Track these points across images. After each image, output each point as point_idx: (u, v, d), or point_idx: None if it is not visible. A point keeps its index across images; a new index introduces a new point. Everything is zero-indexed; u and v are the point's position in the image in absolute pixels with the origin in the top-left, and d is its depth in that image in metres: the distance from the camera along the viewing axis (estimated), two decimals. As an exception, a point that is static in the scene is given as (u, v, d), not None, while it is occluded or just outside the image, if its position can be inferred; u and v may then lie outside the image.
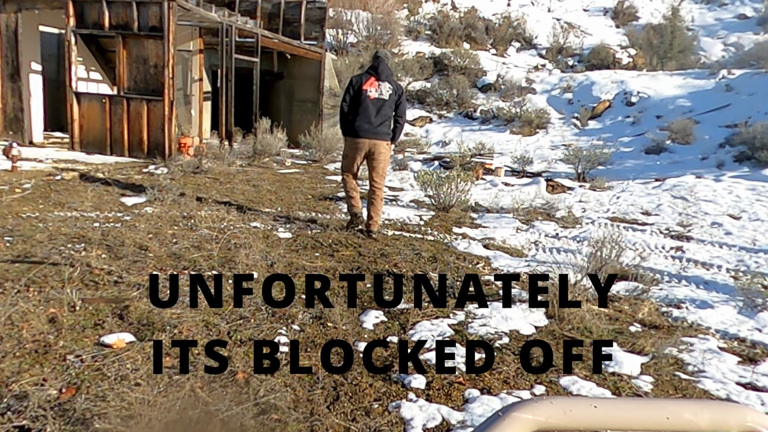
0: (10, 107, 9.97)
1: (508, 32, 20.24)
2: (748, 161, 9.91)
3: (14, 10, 9.66)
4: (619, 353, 3.09)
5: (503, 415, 0.82)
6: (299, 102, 14.86)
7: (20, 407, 2.18)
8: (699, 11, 23.13)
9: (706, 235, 6.27)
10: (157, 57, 9.16)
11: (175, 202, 6.17)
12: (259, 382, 2.50)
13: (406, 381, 2.62)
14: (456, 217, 6.70)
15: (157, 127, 9.31)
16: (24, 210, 5.38)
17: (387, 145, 5.34)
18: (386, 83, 5.24)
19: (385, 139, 5.30)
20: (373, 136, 5.23)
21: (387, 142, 5.33)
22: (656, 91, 14.06)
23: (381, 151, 5.29)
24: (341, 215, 6.36)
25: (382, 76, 5.23)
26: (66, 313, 3.05)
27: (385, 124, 5.30)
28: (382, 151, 5.30)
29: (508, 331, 3.32)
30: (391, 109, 5.29)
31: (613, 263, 4.23)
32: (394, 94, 5.28)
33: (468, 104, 15.45)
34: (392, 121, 5.36)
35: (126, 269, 3.87)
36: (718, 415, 0.86)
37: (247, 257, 4.24)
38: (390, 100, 5.24)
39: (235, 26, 10.82)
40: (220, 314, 3.23)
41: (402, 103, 5.34)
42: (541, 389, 2.66)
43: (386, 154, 5.38)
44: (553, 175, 10.31)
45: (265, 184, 8.17)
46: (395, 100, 5.28)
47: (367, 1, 18.93)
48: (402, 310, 3.52)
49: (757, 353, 3.26)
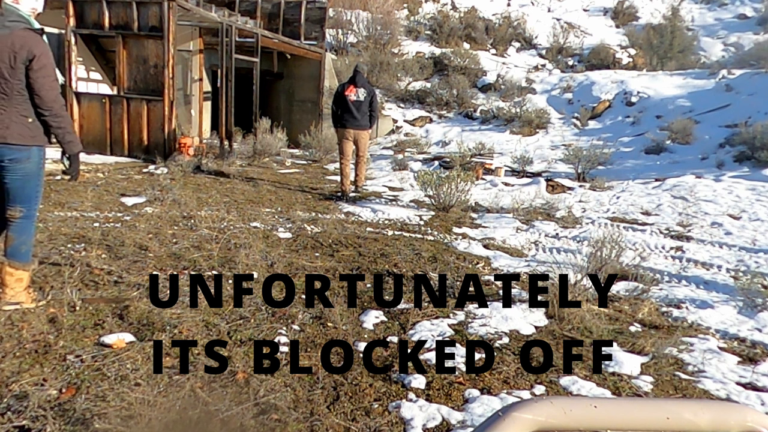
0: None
1: (508, 32, 20.25)
2: (748, 161, 9.91)
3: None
4: (619, 353, 3.09)
5: (503, 415, 0.82)
6: (299, 102, 14.86)
7: (20, 407, 2.18)
8: (699, 11, 23.13)
9: (706, 235, 6.27)
10: (157, 57, 9.16)
11: (175, 202, 6.17)
12: (259, 382, 2.50)
13: (406, 381, 2.62)
14: (456, 217, 6.70)
15: (157, 127, 9.30)
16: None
17: (365, 132, 7.50)
18: (361, 88, 7.28)
19: (365, 128, 7.42)
20: (356, 127, 7.34)
21: (366, 130, 7.46)
22: (656, 91, 14.06)
23: (362, 136, 7.47)
24: (341, 215, 6.38)
25: (358, 84, 7.29)
26: (66, 313, 3.05)
27: (364, 118, 7.35)
28: (363, 136, 7.49)
29: (508, 331, 3.32)
30: (367, 106, 7.32)
31: (613, 263, 4.23)
32: (368, 95, 7.32)
33: (468, 104, 15.45)
34: (368, 114, 7.38)
35: (126, 269, 3.88)
36: (718, 415, 0.86)
37: (247, 257, 4.24)
38: (365, 101, 7.29)
39: (235, 26, 10.82)
40: (220, 314, 3.23)
41: (374, 101, 7.40)
42: (541, 389, 2.66)
43: (366, 138, 7.59)
44: (553, 175, 10.31)
45: (265, 183, 8.17)
46: (369, 100, 7.32)
47: (367, 1, 18.93)
48: (402, 310, 3.52)
49: (757, 353, 3.26)
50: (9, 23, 2.81)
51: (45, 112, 2.93)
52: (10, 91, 2.86)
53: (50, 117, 2.95)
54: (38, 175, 3.05)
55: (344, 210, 6.71)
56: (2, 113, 2.86)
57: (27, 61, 2.84)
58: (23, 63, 2.84)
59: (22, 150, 2.92)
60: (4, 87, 2.84)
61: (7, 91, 2.85)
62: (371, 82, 14.79)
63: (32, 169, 3.01)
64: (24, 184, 2.99)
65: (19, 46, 2.81)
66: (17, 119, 2.89)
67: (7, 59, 2.80)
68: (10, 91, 2.86)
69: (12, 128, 2.88)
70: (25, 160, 2.95)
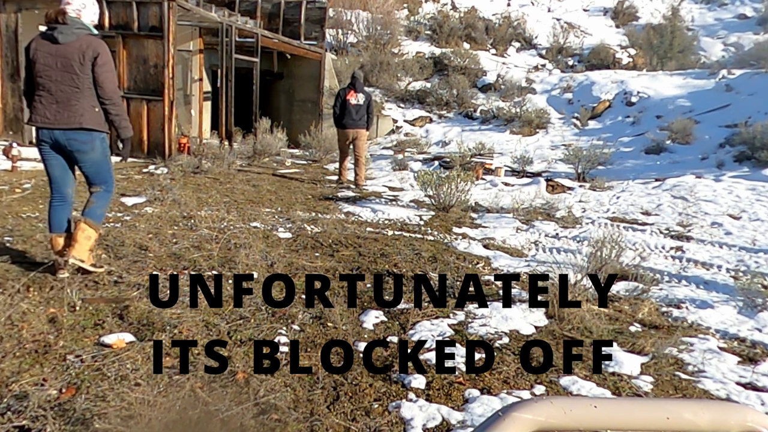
0: (10, 107, 9.97)
1: (508, 32, 20.24)
2: (748, 161, 9.91)
3: (14, 10, 9.66)
4: (619, 353, 3.09)
5: (503, 415, 0.82)
6: (299, 102, 14.86)
7: (20, 407, 2.18)
8: (699, 11, 23.13)
9: (706, 235, 6.27)
10: (157, 57, 9.15)
11: (175, 202, 6.17)
12: (259, 382, 2.50)
13: (406, 381, 2.62)
14: (456, 217, 6.70)
15: (157, 127, 9.30)
16: (24, 210, 5.38)
17: (364, 131, 8.53)
18: (360, 93, 8.42)
19: (363, 128, 8.47)
20: (354, 127, 8.41)
21: (364, 129, 8.50)
22: (656, 91, 14.06)
23: (360, 135, 8.48)
24: (341, 215, 6.38)
25: (357, 89, 8.42)
26: (66, 313, 3.05)
27: (362, 119, 8.45)
28: (361, 135, 8.48)
29: (508, 331, 3.32)
30: (365, 109, 8.46)
31: (613, 263, 4.23)
32: (366, 99, 8.47)
33: (468, 104, 15.45)
34: (366, 116, 8.49)
35: (126, 269, 3.88)
36: (718, 415, 0.86)
37: (247, 257, 4.24)
38: (363, 104, 8.43)
39: (235, 26, 10.82)
40: (220, 314, 3.23)
41: (370, 105, 8.55)
42: (541, 389, 2.66)
43: (364, 137, 8.57)
44: (553, 175, 10.31)
45: (265, 184, 8.17)
46: (366, 104, 8.48)
47: (367, 1, 18.92)
48: (402, 310, 3.52)
49: (757, 353, 3.26)
50: (76, 30, 3.50)
51: (106, 101, 3.58)
52: (81, 85, 3.50)
53: (110, 105, 3.60)
54: (106, 161, 3.72)
55: (344, 210, 6.71)
56: (77, 103, 3.51)
57: (92, 59, 3.50)
58: (90, 61, 3.49)
59: (92, 133, 3.56)
60: (77, 81, 3.49)
61: (80, 85, 3.50)
62: (370, 83, 14.97)
63: (98, 157, 3.64)
64: (97, 169, 3.69)
65: (86, 47, 3.48)
66: (89, 108, 3.54)
67: (77, 58, 3.47)
68: (82, 85, 3.50)
69: (85, 115, 3.52)
70: (90, 148, 3.58)
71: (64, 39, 3.47)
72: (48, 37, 3.50)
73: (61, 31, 3.46)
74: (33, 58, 3.51)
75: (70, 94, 3.49)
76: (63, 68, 3.47)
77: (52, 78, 3.48)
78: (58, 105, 3.49)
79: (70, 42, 3.47)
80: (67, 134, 3.51)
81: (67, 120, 3.49)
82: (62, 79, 3.48)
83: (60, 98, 3.50)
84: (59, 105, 3.50)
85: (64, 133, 3.50)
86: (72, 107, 3.50)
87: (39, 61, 3.49)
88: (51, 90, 3.49)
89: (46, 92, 3.50)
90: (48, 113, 3.50)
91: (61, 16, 3.47)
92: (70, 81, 3.48)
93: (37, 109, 3.52)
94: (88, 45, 3.49)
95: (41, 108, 3.52)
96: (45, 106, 3.51)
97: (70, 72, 3.47)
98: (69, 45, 3.47)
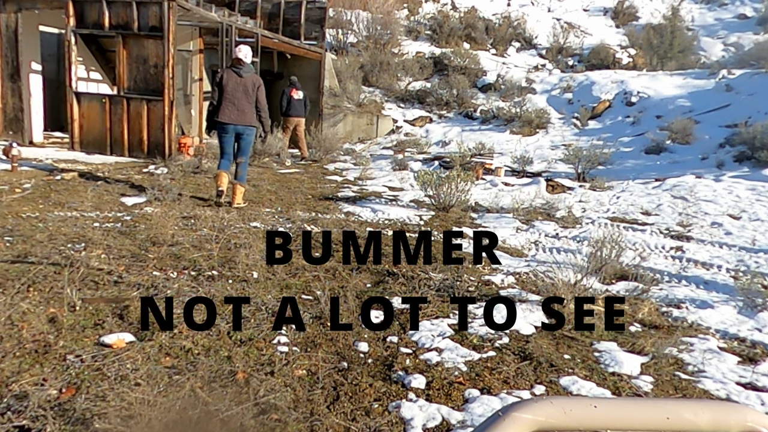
0: (10, 107, 9.97)
1: (508, 32, 20.24)
2: (748, 161, 9.90)
3: (14, 10, 9.65)
4: (619, 353, 3.09)
5: (503, 415, 0.82)
6: (299, 102, 14.82)
7: (20, 407, 2.18)
8: (699, 11, 23.12)
9: (706, 235, 6.27)
10: (157, 57, 9.15)
11: (175, 202, 6.17)
12: (259, 382, 2.50)
13: (406, 381, 2.62)
14: (456, 217, 6.70)
15: (157, 127, 9.30)
16: (24, 210, 5.38)
17: (303, 119, 11.59)
18: (300, 91, 11.43)
19: (303, 116, 11.56)
20: (296, 116, 11.46)
21: (303, 118, 11.56)
22: (656, 91, 14.06)
23: (301, 121, 11.54)
24: (341, 215, 6.38)
25: (297, 88, 11.40)
26: (66, 313, 3.05)
27: (302, 109, 11.50)
28: (301, 122, 11.56)
29: (508, 331, 3.32)
30: (304, 101, 11.54)
31: (613, 263, 4.23)
32: (304, 95, 11.54)
33: (468, 104, 15.44)
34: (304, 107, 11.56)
35: (126, 269, 3.87)
36: (718, 415, 0.86)
37: (247, 257, 4.24)
38: (303, 98, 11.52)
39: (235, 26, 10.81)
40: (220, 314, 3.23)
41: (305, 98, 11.59)
42: (541, 389, 2.66)
43: (303, 123, 11.62)
44: (553, 175, 10.31)
45: (265, 184, 8.17)
46: (305, 99, 11.58)
47: (367, 1, 18.91)
48: (402, 310, 3.52)
49: (757, 353, 3.26)
50: (249, 68, 6.26)
51: (261, 111, 6.37)
52: (252, 101, 6.25)
53: (262, 112, 6.38)
54: (252, 142, 6.48)
55: (344, 210, 6.71)
56: (248, 110, 6.25)
57: (255, 87, 6.25)
58: (253, 88, 6.23)
59: (253, 128, 6.35)
60: (250, 98, 6.22)
61: (250, 101, 6.23)
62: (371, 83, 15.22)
63: (251, 140, 6.44)
64: (248, 146, 6.44)
65: (254, 80, 6.27)
66: (253, 113, 6.30)
67: (250, 86, 6.21)
68: (252, 100, 6.25)
69: (251, 118, 6.29)
70: (250, 133, 6.36)
71: (244, 74, 6.18)
72: (236, 72, 6.16)
73: (243, 69, 6.19)
74: (224, 83, 6.13)
75: (245, 105, 6.19)
76: (243, 91, 6.16)
77: (236, 96, 6.15)
78: (238, 111, 6.17)
79: (247, 77, 6.19)
80: (239, 128, 6.26)
81: (242, 120, 6.21)
82: (241, 97, 6.16)
83: (239, 107, 6.16)
84: (239, 111, 6.17)
85: (239, 127, 6.25)
86: (245, 113, 6.20)
87: (229, 85, 6.12)
88: (235, 103, 6.14)
89: (231, 104, 6.14)
90: (232, 115, 6.15)
91: (239, 62, 6.18)
92: (246, 98, 6.19)
93: (226, 113, 6.14)
94: (255, 81, 6.25)
95: (228, 112, 6.14)
96: (230, 111, 6.14)
97: (246, 93, 6.18)
98: (246, 78, 6.18)
